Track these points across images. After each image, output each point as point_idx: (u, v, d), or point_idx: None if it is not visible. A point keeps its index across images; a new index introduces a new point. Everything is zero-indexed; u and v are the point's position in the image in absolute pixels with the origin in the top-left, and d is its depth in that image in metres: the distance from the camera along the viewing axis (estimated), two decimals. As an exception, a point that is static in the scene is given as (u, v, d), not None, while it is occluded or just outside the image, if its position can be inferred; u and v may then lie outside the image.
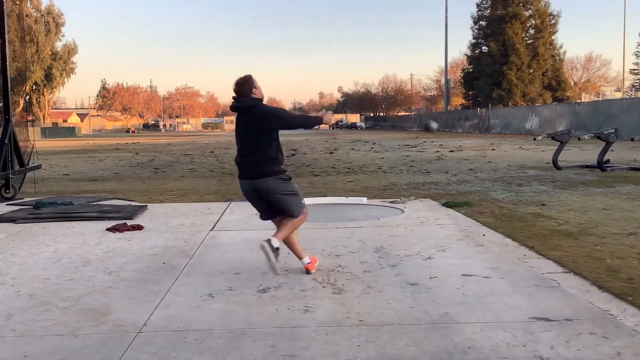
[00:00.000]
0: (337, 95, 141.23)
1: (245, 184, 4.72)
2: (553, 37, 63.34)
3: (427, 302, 4.08)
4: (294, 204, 4.72)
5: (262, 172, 4.60)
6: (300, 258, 4.93)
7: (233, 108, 4.78)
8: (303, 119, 5.13)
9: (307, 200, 9.08)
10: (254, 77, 4.73)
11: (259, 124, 4.60)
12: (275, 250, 4.54)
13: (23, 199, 9.86)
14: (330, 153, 23.93)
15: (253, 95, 4.66)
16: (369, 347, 3.30)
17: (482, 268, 4.95)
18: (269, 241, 4.53)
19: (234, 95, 4.72)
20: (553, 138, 15.15)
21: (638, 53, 61.96)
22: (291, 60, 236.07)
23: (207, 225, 7.17)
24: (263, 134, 4.60)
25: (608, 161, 14.16)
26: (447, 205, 8.51)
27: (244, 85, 4.65)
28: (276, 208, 4.74)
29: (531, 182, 11.57)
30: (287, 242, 4.85)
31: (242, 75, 4.71)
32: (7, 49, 10.22)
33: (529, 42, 62.39)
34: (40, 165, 12.14)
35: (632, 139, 20.05)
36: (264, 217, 4.96)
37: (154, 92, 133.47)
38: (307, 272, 4.85)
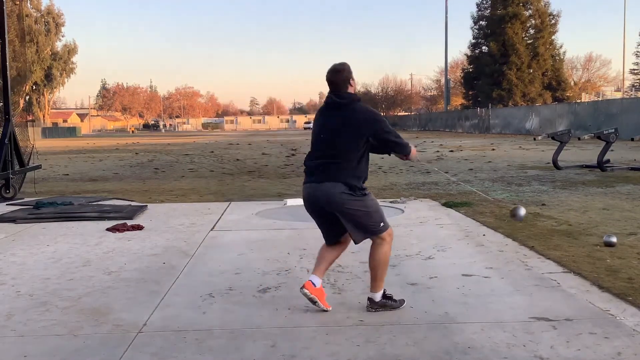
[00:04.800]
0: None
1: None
2: (553, 37, 63.30)
3: (427, 302, 4.08)
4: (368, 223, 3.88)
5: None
6: (315, 273, 3.97)
7: (328, 104, 3.93)
8: (402, 143, 3.98)
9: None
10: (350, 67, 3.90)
11: (355, 125, 3.79)
12: (387, 298, 3.92)
13: (23, 199, 9.86)
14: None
15: (350, 90, 3.89)
16: (369, 347, 3.30)
17: (482, 268, 4.95)
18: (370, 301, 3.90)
19: (329, 85, 3.91)
20: (553, 138, 15.15)
21: (638, 53, 61.91)
22: (291, 60, 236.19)
23: (207, 225, 7.17)
24: (359, 140, 3.81)
25: (608, 161, 14.15)
26: (447, 205, 8.50)
27: (345, 73, 3.87)
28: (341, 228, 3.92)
29: (531, 182, 11.56)
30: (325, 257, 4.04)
31: (337, 62, 3.93)
32: (7, 49, 10.21)
33: (529, 42, 62.35)
34: (40, 165, 12.14)
35: (632, 139, 20.00)
36: (329, 240, 4.06)
37: (154, 92, 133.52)
38: (303, 286, 3.88)
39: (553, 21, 63.20)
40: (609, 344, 3.28)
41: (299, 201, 9.00)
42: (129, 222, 7.23)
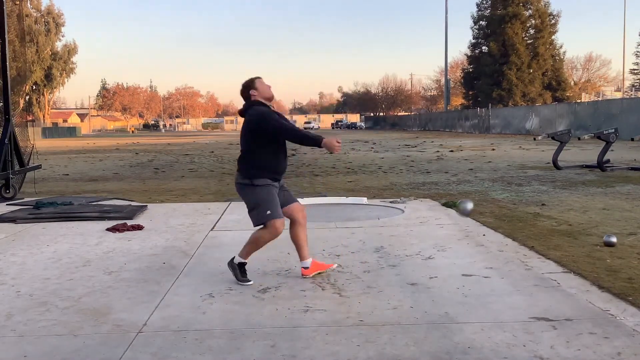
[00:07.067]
0: (337, 95, 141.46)
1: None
2: (553, 37, 63.42)
3: (427, 302, 4.08)
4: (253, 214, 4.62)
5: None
6: (301, 259, 4.75)
7: (239, 111, 4.89)
8: (293, 131, 4.61)
9: (308, 200, 9.10)
10: (259, 78, 4.78)
11: (246, 126, 4.66)
12: (238, 266, 4.65)
13: (23, 199, 9.86)
14: (330, 153, 23.93)
15: (252, 98, 4.69)
16: (369, 347, 3.30)
17: (482, 268, 4.95)
18: (231, 260, 4.71)
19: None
20: (553, 138, 15.16)
21: (638, 53, 61.94)
22: (291, 60, 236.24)
23: (207, 225, 7.17)
24: (250, 137, 4.62)
25: (608, 161, 14.16)
26: (447, 205, 8.50)
27: (244, 89, 4.75)
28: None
29: (531, 182, 11.57)
30: (293, 240, 4.77)
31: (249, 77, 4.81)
32: (7, 49, 10.22)
33: (529, 42, 62.43)
34: (40, 165, 12.14)
35: (632, 139, 20.04)
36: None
37: (154, 92, 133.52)
38: (302, 275, 4.70)
39: (553, 21, 63.30)
40: (609, 344, 3.28)
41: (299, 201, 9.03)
42: (129, 222, 7.23)
